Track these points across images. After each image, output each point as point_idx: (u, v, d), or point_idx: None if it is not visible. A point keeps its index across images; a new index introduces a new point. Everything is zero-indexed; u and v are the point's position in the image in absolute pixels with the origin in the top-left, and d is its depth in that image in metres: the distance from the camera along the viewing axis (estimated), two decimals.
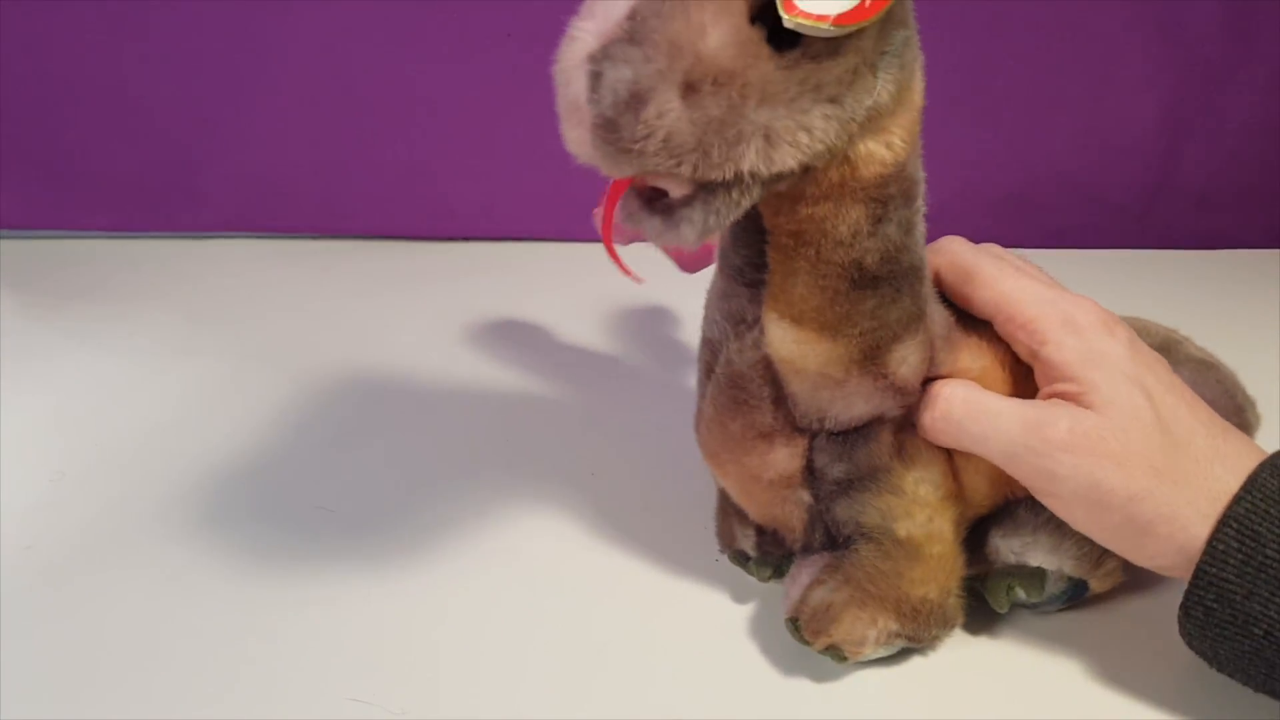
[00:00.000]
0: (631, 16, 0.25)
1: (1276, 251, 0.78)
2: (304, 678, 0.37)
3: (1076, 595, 0.39)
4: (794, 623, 0.36)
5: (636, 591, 0.41)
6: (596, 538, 0.45)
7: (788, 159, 0.27)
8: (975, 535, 0.38)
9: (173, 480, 0.49)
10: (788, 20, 0.25)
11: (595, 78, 0.25)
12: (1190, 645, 0.33)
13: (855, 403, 0.34)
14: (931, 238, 0.38)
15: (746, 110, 0.26)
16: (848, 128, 0.28)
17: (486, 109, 0.77)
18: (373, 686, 0.36)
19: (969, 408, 0.34)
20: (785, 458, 0.36)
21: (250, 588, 0.41)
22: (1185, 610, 0.32)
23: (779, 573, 0.40)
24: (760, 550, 0.40)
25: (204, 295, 0.72)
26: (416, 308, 0.69)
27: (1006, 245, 0.41)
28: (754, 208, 0.31)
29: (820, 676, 0.37)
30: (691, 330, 0.65)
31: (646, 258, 0.37)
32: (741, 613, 0.40)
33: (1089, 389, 0.33)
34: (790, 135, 0.27)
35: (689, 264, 0.44)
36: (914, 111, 0.31)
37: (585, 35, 0.26)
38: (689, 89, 0.25)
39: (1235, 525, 0.31)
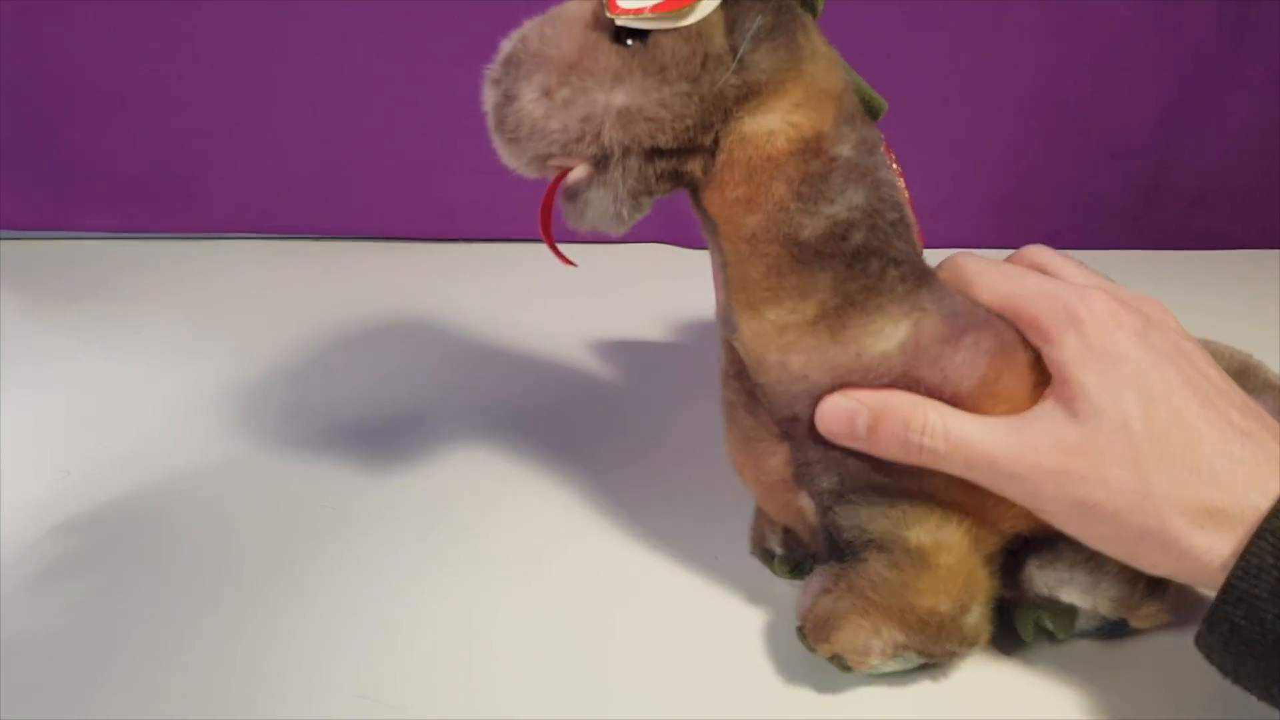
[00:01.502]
0: (513, 45, 0.33)
1: (1273, 252, 0.78)
2: (308, 674, 0.37)
3: (1115, 633, 0.37)
4: (801, 630, 0.36)
5: (641, 590, 0.41)
6: (597, 536, 0.45)
7: (656, 134, 0.32)
8: (1014, 559, 0.36)
9: (175, 479, 0.49)
10: (613, 18, 0.31)
11: (493, 93, 0.34)
12: (1208, 657, 0.31)
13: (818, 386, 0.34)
14: (932, 238, 0.38)
15: (593, 93, 0.32)
16: (714, 104, 0.32)
17: None
18: (377, 683, 0.36)
19: (951, 442, 0.33)
20: (777, 465, 0.37)
21: (254, 586, 0.41)
22: (1209, 624, 0.30)
23: (800, 571, 0.40)
24: (786, 548, 0.41)
25: (205, 296, 0.72)
26: (416, 308, 0.69)
27: (1003, 246, 0.41)
28: (703, 209, 0.35)
29: (824, 686, 0.36)
30: (691, 330, 0.66)
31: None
32: (754, 616, 0.40)
33: (1078, 394, 0.32)
34: (649, 112, 0.32)
35: None
36: (819, 94, 0.33)
37: (492, 66, 0.34)
38: (547, 86, 0.32)
39: (1272, 539, 0.28)
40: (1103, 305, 0.33)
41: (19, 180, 0.79)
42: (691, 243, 0.78)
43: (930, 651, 0.35)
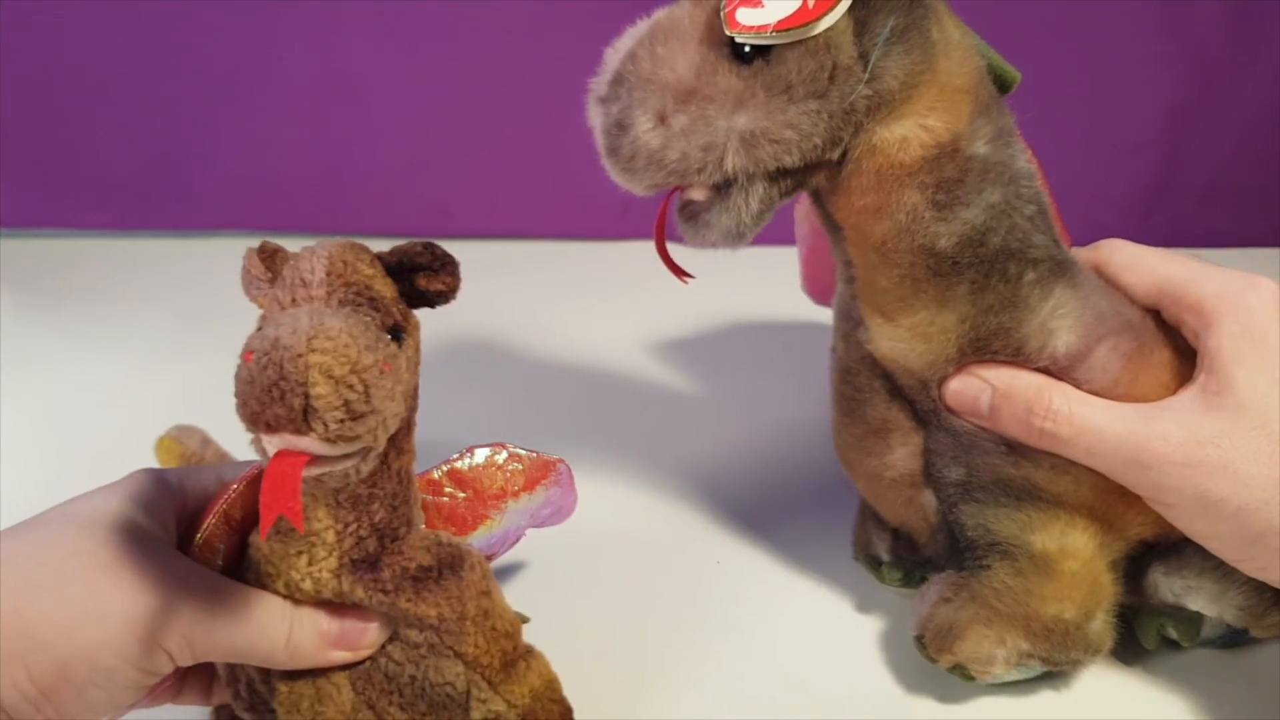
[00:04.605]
0: (622, 63, 0.31)
1: (1278, 250, 0.78)
2: None
3: (1235, 641, 0.36)
4: (920, 640, 0.35)
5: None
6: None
7: (781, 155, 0.30)
8: (1137, 565, 0.36)
9: None
10: (733, 35, 0.29)
11: (602, 115, 0.31)
12: None
13: None
14: None
15: (714, 119, 0.30)
16: (843, 120, 0.30)
17: (484, 106, 0.77)
18: None
19: (1075, 428, 0.32)
20: (904, 457, 0.36)
21: None
22: None
23: (909, 579, 0.40)
24: (894, 555, 0.40)
25: (201, 293, 0.72)
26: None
27: None
28: (827, 213, 0.33)
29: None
30: (691, 330, 0.65)
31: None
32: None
33: (1224, 387, 0.31)
34: (774, 134, 0.30)
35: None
36: (953, 92, 0.31)
37: (599, 82, 0.31)
38: (662, 112, 0.30)
39: None
40: (1271, 295, 0.32)
41: (12, 177, 0.79)
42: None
43: (1054, 660, 0.34)
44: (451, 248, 0.30)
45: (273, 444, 0.25)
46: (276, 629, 0.29)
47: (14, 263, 0.76)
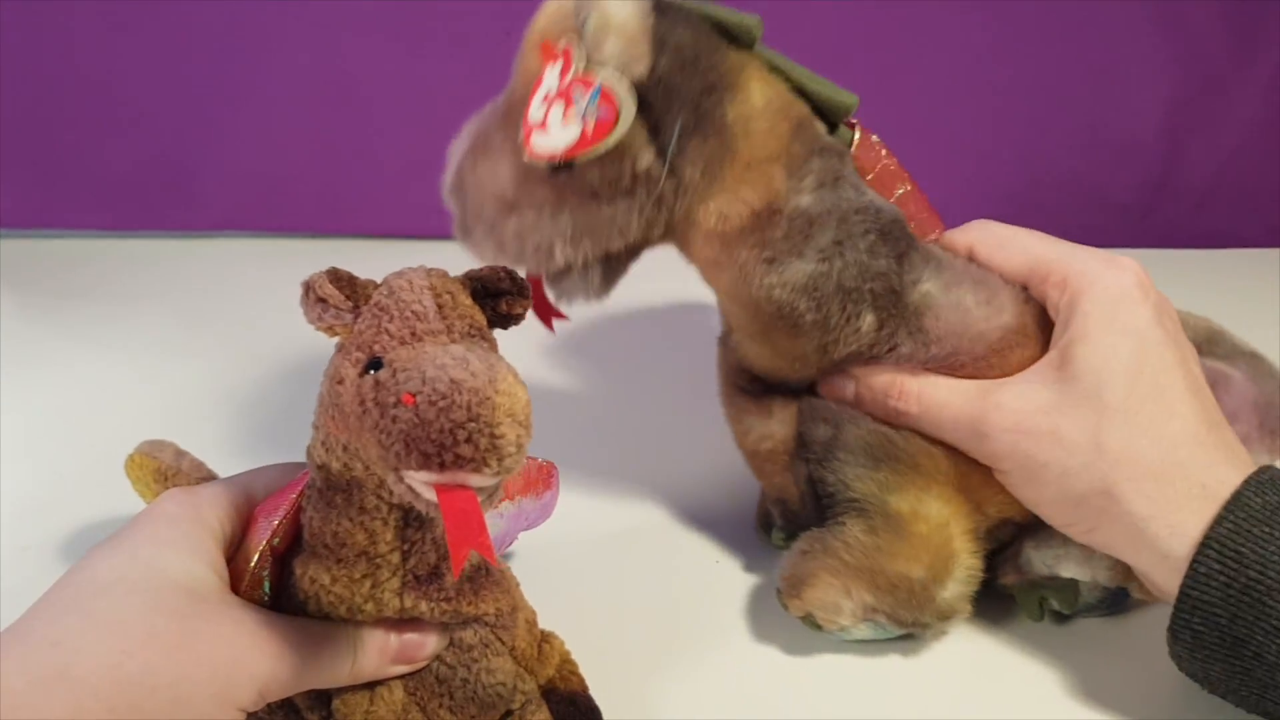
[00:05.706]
0: (457, 171, 0.34)
1: (1278, 250, 0.78)
2: None
3: (1117, 604, 0.38)
4: (779, 591, 0.37)
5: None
6: (582, 526, 0.44)
7: (606, 245, 0.33)
8: (1011, 548, 0.38)
9: None
10: (528, 159, 0.32)
11: (454, 206, 0.34)
12: (1181, 668, 0.32)
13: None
14: None
15: (539, 224, 0.32)
16: (655, 210, 0.32)
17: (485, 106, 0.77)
18: None
19: (923, 405, 0.35)
20: (781, 422, 0.38)
21: None
22: (1173, 634, 0.31)
23: (791, 541, 0.41)
24: (785, 520, 0.41)
25: (201, 294, 0.72)
26: None
27: None
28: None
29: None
30: (689, 329, 0.65)
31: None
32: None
33: (1067, 361, 0.33)
34: (593, 231, 0.32)
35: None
36: (760, 164, 0.33)
37: (447, 175, 0.34)
38: (493, 222, 0.33)
39: (1217, 547, 0.30)
40: (1133, 277, 0.34)
41: (12, 177, 0.79)
42: None
43: (901, 619, 0.36)
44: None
45: (434, 479, 0.25)
46: (342, 659, 0.29)
47: (14, 263, 0.76)
